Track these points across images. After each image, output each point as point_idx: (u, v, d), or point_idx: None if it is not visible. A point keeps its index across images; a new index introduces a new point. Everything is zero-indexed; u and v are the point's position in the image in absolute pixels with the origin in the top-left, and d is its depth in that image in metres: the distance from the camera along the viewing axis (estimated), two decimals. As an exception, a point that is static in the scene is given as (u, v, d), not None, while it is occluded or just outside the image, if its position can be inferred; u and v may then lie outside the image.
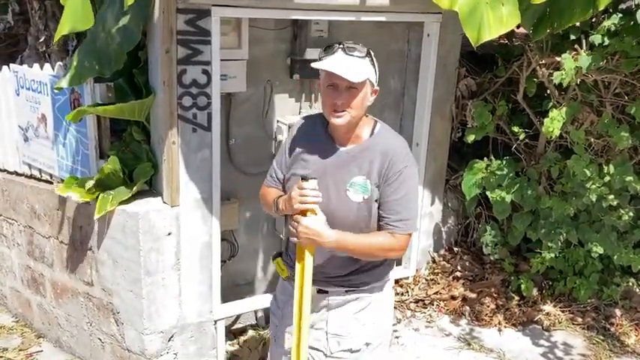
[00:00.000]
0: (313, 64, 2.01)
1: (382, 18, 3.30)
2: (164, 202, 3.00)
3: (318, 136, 2.13)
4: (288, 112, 3.50)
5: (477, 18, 2.20)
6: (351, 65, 1.94)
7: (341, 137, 2.08)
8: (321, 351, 2.19)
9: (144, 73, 3.07)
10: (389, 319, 2.33)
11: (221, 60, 2.91)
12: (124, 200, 2.98)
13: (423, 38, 3.61)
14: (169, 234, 2.97)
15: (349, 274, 2.15)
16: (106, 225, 3.04)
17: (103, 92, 3.09)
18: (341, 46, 1.99)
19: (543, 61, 3.20)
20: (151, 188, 3.17)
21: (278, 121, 3.45)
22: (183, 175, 2.93)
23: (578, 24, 3.10)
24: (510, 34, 4.15)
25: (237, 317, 3.63)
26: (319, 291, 2.17)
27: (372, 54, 2.03)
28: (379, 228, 2.07)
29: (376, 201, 2.05)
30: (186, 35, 2.76)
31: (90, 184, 2.98)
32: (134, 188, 2.99)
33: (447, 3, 2.28)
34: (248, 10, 2.89)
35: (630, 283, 3.75)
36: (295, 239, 2.01)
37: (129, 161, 3.12)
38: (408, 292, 3.88)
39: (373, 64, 2.02)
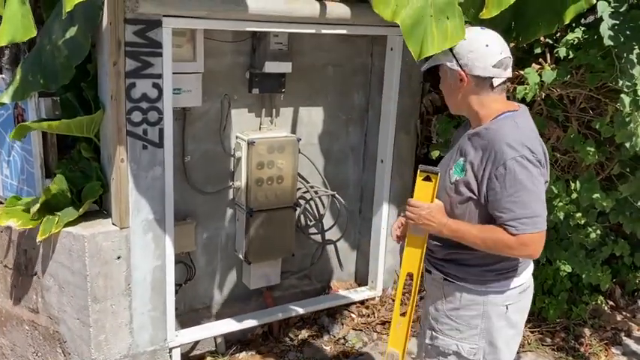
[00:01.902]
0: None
1: (343, 31, 3.21)
2: (113, 224, 2.83)
3: (466, 124, 2.20)
4: (248, 128, 3.37)
5: (420, 32, 2.10)
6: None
7: (471, 121, 2.10)
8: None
9: (93, 87, 2.93)
10: (496, 341, 2.09)
11: (174, 73, 2.79)
12: (71, 221, 2.81)
13: (387, 52, 3.52)
14: (119, 258, 2.80)
15: (444, 259, 2.11)
16: (52, 248, 2.85)
17: (48, 107, 2.94)
18: None
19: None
20: (102, 208, 3.01)
21: (237, 137, 3.32)
22: (132, 194, 2.77)
23: (542, 38, 3.06)
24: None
25: (196, 343, 3.45)
26: (425, 270, 2.20)
27: None
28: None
29: (468, 188, 1.98)
30: (135, 47, 2.62)
31: (35, 208, 2.79)
32: (81, 209, 2.82)
33: (389, 14, 2.17)
34: (202, 21, 2.76)
35: (599, 302, 3.68)
36: (411, 221, 2.04)
37: (77, 180, 2.96)
38: (374, 313, 3.75)
39: (450, 50, 2.01)
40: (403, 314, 2.18)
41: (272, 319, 3.48)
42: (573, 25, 2.95)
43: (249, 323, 3.39)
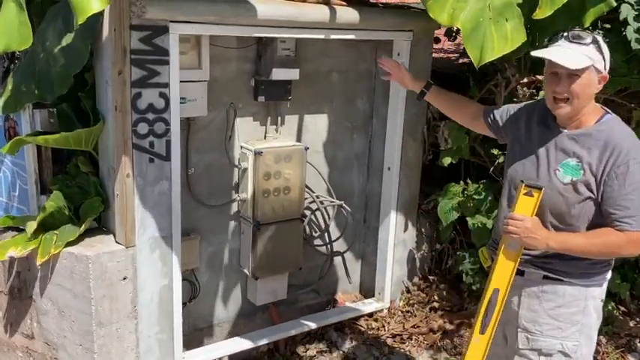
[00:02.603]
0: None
1: (352, 36, 3.10)
2: (117, 242, 2.66)
3: (543, 118, 2.13)
4: (253, 137, 3.22)
5: (479, 36, 2.00)
6: (573, 52, 1.95)
7: (564, 121, 2.06)
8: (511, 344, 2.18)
9: (91, 97, 2.77)
10: (592, 334, 2.14)
11: (180, 82, 2.63)
12: (70, 241, 2.62)
13: (393, 57, 3.41)
14: (124, 278, 2.63)
15: (548, 256, 2.07)
16: (50, 270, 2.67)
17: (44, 119, 2.77)
18: (564, 34, 2.00)
19: (525, 80, 3.05)
20: (101, 225, 2.83)
21: (242, 147, 3.17)
22: (139, 211, 2.60)
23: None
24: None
25: (200, 364, 3.29)
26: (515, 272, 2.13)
27: (600, 40, 1.98)
28: (606, 224, 1.97)
29: (588, 188, 1.98)
30: (141, 55, 2.46)
31: (32, 227, 2.60)
32: (82, 227, 2.65)
33: (446, 18, 2.05)
34: (209, 27, 2.62)
35: (610, 307, 3.63)
36: (515, 235, 1.97)
37: (75, 196, 2.79)
38: (384, 326, 3.62)
39: (600, 51, 1.98)
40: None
41: (281, 336, 3.33)
42: (590, 28, 2.87)
43: (258, 341, 3.24)
